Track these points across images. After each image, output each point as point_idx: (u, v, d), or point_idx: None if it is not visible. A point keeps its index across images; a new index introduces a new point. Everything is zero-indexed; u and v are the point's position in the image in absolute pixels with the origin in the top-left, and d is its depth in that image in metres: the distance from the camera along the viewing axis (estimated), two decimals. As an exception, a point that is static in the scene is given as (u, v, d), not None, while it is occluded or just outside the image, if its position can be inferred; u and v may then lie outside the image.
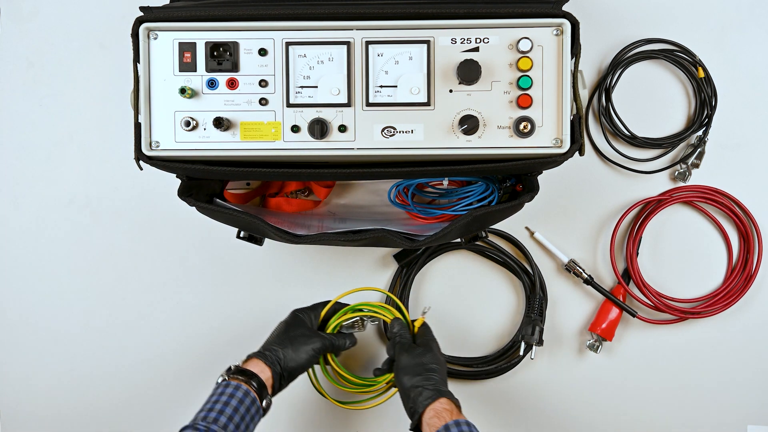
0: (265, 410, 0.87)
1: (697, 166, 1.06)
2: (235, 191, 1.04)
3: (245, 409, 0.83)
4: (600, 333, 1.04)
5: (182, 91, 0.81)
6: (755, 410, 1.06)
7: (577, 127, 0.81)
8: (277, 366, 0.89)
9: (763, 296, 1.06)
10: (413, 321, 0.98)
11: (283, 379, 0.90)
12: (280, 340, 0.92)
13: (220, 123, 0.81)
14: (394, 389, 0.96)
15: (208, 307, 1.09)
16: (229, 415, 0.81)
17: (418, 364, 0.89)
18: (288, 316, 0.96)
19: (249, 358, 0.90)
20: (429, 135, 0.82)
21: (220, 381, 0.87)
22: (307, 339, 0.92)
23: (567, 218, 1.07)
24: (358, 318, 0.97)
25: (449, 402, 0.85)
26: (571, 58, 0.81)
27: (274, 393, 0.89)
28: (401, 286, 1.06)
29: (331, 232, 0.88)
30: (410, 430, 0.87)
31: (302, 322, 0.95)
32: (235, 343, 1.07)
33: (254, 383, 0.86)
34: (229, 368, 0.88)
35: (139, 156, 0.82)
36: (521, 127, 0.80)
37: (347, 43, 0.80)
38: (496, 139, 0.81)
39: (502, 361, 1.06)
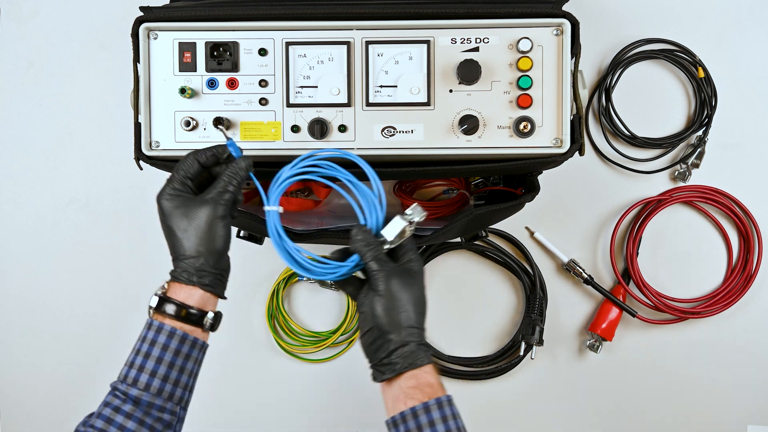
0: (213, 328, 0.74)
1: (697, 166, 1.06)
2: (235, 191, 1.04)
3: (172, 355, 0.70)
4: (600, 333, 1.04)
5: (182, 91, 0.81)
6: (755, 410, 1.06)
7: (577, 127, 0.81)
8: (201, 277, 0.72)
9: (763, 296, 1.06)
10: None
11: (221, 277, 0.74)
12: (180, 243, 0.72)
13: (220, 123, 0.81)
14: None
15: (208, 307, 1.09)
16: (150, 370, 0.69)
17: (413, 300, 0.72)
18: (159, 209, 0.73)
19: (172, 280, 0.73)
20: (429, 135, 0.82)
21: (147, 320, 0.73)
22: (195, 214, 0.71)
23: (567, 218, 1.07)
24: None
25: (435, 372, 0.72)
26: (571, 58, 0.81)
27: (221, 294, 0.74)
28: (401, 286, 1.06)
29: (331, 229, 0.88)
30: (375, 381, 0.73)
31: (180, 202, 0.72)
32: (237, 342, 1.07)
33: (183, 316, 0.71)
34: (158, 294, 0.72)
35: (139, 156, 0.82)
36: (521, 127, 0.80)
37: (347, 43, 0.81)
38: (496, 139, 0.82)
39: (502, 361, 1.06)
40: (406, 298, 0.71)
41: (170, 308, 0.71)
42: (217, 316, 0.74)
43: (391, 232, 0.73)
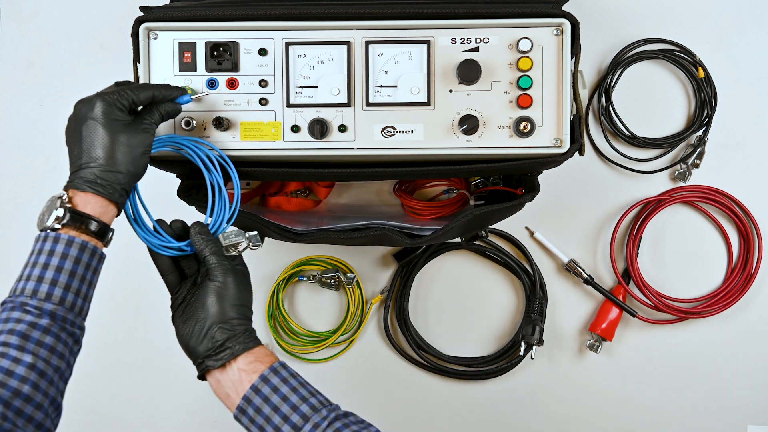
0: (106, 243, 0.72)
1: (697, 166, 1.06)
2: (235, 191, 1.04)
3: (84, 268, 0.68)
4: (600, 333, 1.04)
5: (182, 91, 0.81)
6: (755, 410, 1.06)
7: (577, 127, 0.81)
8: (121, 195, 0.71)
9: (763, 296, 1.06)
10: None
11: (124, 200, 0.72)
12: (101, 151, 0.69)
13: (220, 123, 0.81)
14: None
15: (208, 307, 1.09)
16: (65, 284, 0.67)
17: (245, 297, 0.75)
18: (93, 110, 0.71)
19: (72, 188, 0.69)
20: (429, 135, 0.82)
21: (44, 233, 0.68)
22: (132, 134, 0.71)
23: (567, 218, 1.07)
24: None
25: (267, 349, 0.75)
26: (571, 58, 0.81)
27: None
28: (401, 285, 1.06)
29: (331, 229, 0.88)
30: (208, 369, 0.73)
31: (124, 117, 0.72)
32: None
33: (93, 230, 0.69)
34: (56, 199, 0.68)
35: (139, 156, 0.82)
36: (521, 127, 0.80)
37: (347, 43, 0.81)
38: (496, 139, 0.82)
39: (502, 361, 1.06)
40: (240, 293, 0.74)
41: (83, 221, 0.68)
42: (113, 232, 0.73)
43: (227, 239, 0.77)
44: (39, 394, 0.64)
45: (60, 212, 0.68)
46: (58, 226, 0.68)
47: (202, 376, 0.75)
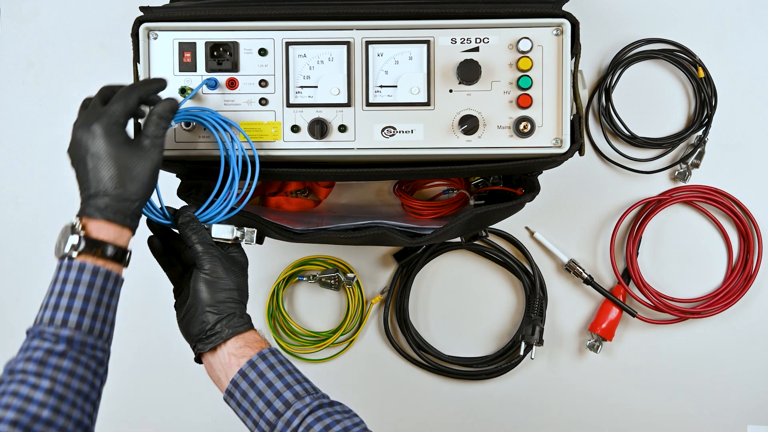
0: (128, 264, 0.73)
1: (697, 166, 1.06)
2: (235, 191, 1.04)
3: (99, 292, 0.68)
4: (600, 333, 1.04)
5: (182, 91, 0.81)
6: (755, 410, 1.06)
7: (577, 126, 0.81)
8: (134, 219, 0.71)
9: (763, 296, 1.06)
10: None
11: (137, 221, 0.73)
12: (110, 182, 0.69)
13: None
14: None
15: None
16: (79, 309, 0.67)
17: (236, 281, 0.76)
18: (95, 138, 0.70)
19: (84, 216, 0.70)
20: (429, 135, 0.82)
21: (62, 261, 0.69)
22: (139, 156, 0.70)
23: (567, 218, 1.07)
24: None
25: (259, 334, 0.75)
26: (571, 58, 0.81)
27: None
28: (401, 285, 1.06)
29: (331, 229, 0.88)
30: (201, 352, 0.75)
31: (124, 140, 0.70)
32: (235, 343, 1.07)
33: (109, 255, 0.69)
34: (70, 227, 0.69)
35: (139, 156, 0.82)
36: (521, 127, 0.80)
37: (347, 43, 0.81)
38: (496, 139, 0.82)
39: (502, 361, 1.06)
40: (231, 280, 0.75)
41: (98, 247, 0.69)
42: (131, 253, 0.73)
43: (217, 232, 0.79)
44: (61, 418, 0.64)
45: (75, 240, 0.69)
46: (75, 254, 0.68)
47: (198, 359, 0.76)
